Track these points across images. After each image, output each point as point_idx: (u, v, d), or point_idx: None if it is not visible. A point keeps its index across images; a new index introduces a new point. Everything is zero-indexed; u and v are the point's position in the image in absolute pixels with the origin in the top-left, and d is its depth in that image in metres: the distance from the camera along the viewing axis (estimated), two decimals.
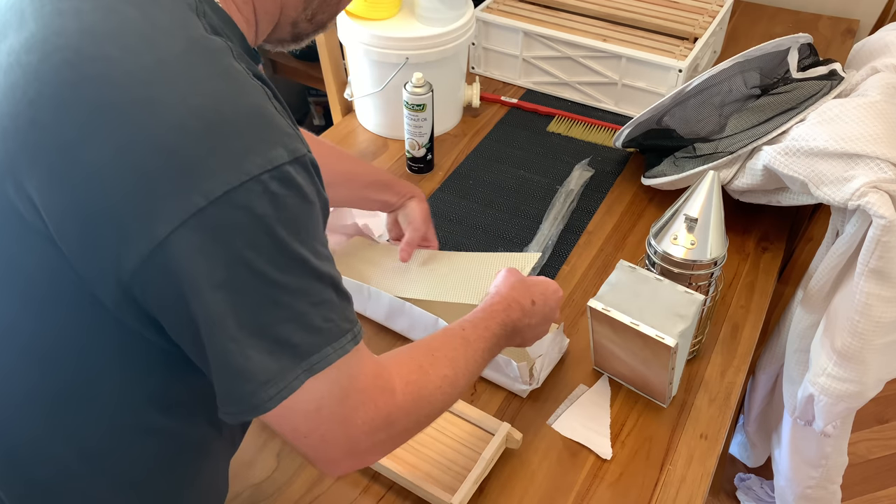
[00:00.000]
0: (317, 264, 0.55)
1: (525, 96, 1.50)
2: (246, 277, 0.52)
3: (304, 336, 0.54)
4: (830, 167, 0.94)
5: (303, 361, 0.54)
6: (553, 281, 0.88)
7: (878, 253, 0.89)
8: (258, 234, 0.51)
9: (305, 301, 0.54)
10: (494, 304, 0.78)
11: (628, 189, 1.26)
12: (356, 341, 0.58)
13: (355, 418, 0.58)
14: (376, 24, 1.28)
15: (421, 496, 0.82)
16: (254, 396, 0.53)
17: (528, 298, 0.81)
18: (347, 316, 0.58)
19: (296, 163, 0.53)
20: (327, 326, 0.56)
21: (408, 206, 1.06)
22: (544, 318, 0.84)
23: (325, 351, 0.55)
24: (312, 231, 0.55)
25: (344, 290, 0.59)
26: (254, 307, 0.52)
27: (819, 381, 1.00)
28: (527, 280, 0.85)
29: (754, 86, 1.15)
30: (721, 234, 0.86)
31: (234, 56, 0.55)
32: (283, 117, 0.55)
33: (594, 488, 0.84)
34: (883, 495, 1.70)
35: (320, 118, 2.40)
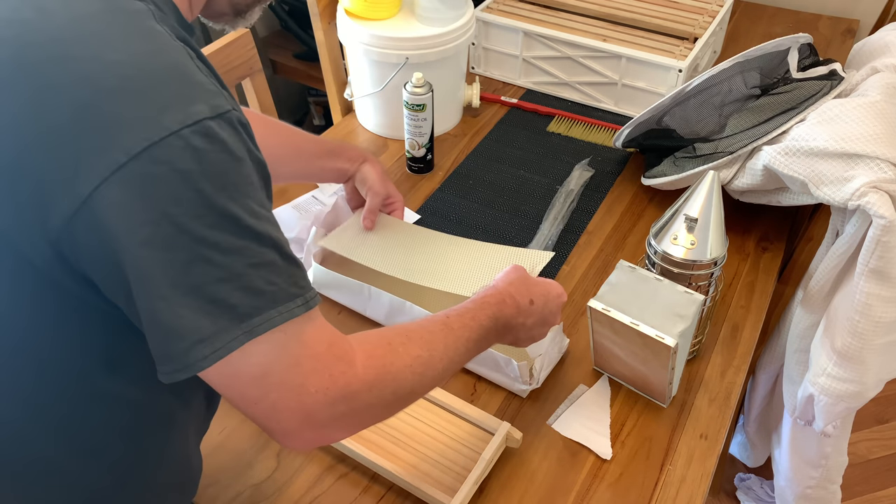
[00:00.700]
0: (253, 224, 0.54)
1: (525, 96, 1.50)
2: (172, 234, 0.51)
3: (244, 297, 0.53)
4: (830, 167, 0.94)
5: (242, 323, 0.53)
6: (559, 284, 0.86)
7: (878, 253, 0.89)
8: (182, 189, 0.51)
9: (242, 261, 0.53)
10: (487, 297, 0.77)
11: (628, 189, 1.26)
12: (308, 307, 0.57)
13: (308, 386, 0.56)
14: (376, 24, 1.28)
15: (421, 497, 0.81)
16: (187, 355, 0.53)
17: (526, 297, 0.80)
18: (296, 281, 0.57)
19: (219, 118, 0.53)
20: (271, 289, 0.54)
21: (362, 171, 1.05)
22: (542, 320, 0.82)
23: (268, 313, 0.54)
24: (244, 189, 0.54)
25: (291, 255, 0.58)
26: (184, 265, 0.52)
27: (819, 381, 1.00)
28: (530, 279, 0.83)
29: (754, 86, 1.15)
30: (721, 234, 0.86)
31: (155, 19, 0.55)
32: (206, 76, 0.55)
33: (594, 488, 0.84)
34: (883, 495, 1.70)
35: (320, 118, 2.40)
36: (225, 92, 0.56)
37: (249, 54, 1.34)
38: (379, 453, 0.84)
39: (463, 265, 1.01)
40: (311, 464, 0.87)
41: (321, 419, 0.58)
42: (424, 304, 0.97)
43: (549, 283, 0.85)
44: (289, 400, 0.56)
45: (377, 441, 0.86)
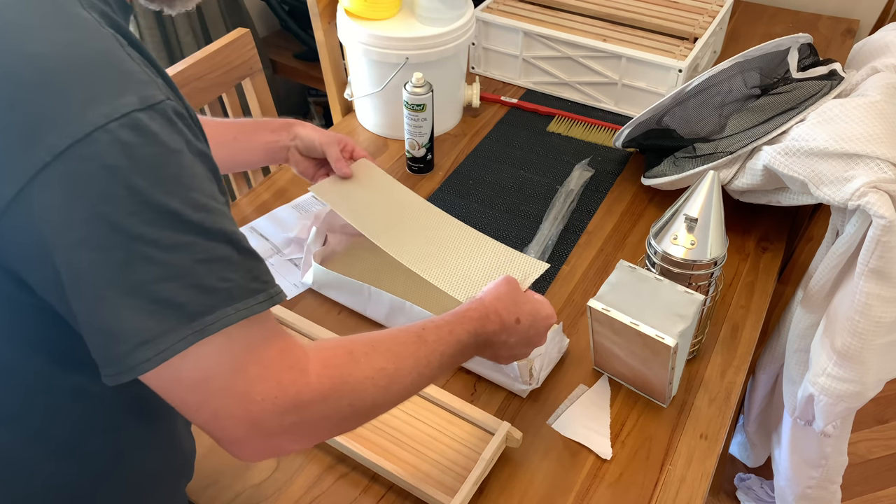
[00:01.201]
0: (198, 218, 0.51)
1: (525, 96, 1.50)
2: (106, 233, 0.49)
3: (193, 295, 0.51)
4: (830, 167, 0.94)
5: (193, 322, 0.51)
6: (549, 304, 0.83)
7: (878, 253, 0.89)
8: (112, 186, 0.48)
9: (188, 257, 0.51)
10: (470, 311, 0.74)
11: (628, 189, 1.26)
12: (272, 302, 0.55)
13: (253, 394, 0.53)
14: (376, 24, 1.28)
15: (421, 497, 0.81)
16: (129, 357, 0.50)
17: (513, 315, 0.77)
18: (256, 275, 0.55)
19: (150, 110, 0.50)
20: (224, 286, 0.52)
21: (299, 136, 1.03)
22: (526, 340, 0.79)
23: (222, 311, 0.52)
24: (185, 182, 0.52)
25: (249, 249, 0.55)
26: (122, 265, 0.49)
27: (819, 381, 1.00)
28: (520, 295, 0.80)
29: (754, 86, 1.15)
30: (721, 234, 0.87)
31: (81, 4, 0.52)
32: (137, 64, 0.52)
33: (594, 488, 0.84)
34: (883, 495, 1.70)
35: (320, 118, 2.40)
36: (160, 80, 0.53)
37: (249, 54, 1.34)
38: (379, 453, 0.84)
39: (455, 257, 0.97)
40: (311, 464, 0.87)
41: (269, 429, 0.55)
42: (424, 304, 0.97)
43: (539, 301, 0.82)
44: (232, 407, 0.53)
45: (377, 441, 0.86)
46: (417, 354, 0.66)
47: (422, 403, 0.90)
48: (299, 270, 1.11)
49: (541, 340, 0.82)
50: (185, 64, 1.25)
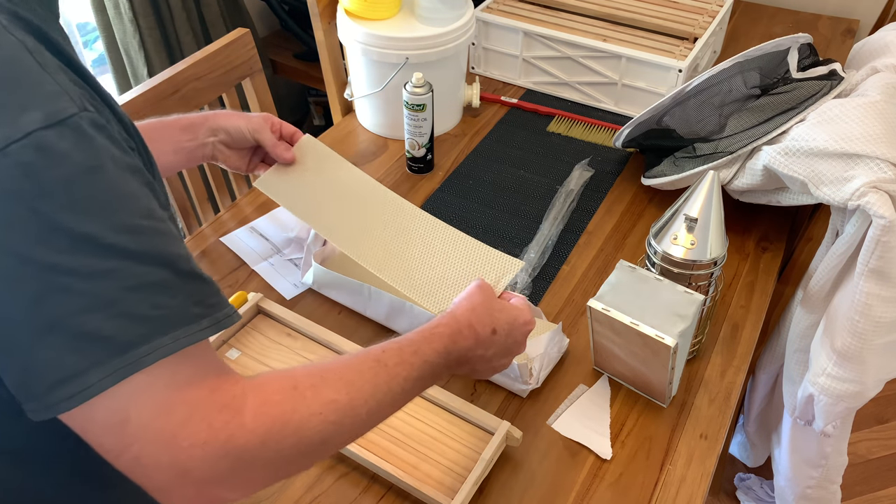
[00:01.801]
0: (122, 241, 0.47)
1: (525, 96, 1.50)
2: (14, 265, 0.45)
3: (122, 326, 0.46)
4: (830, 167, 0.94)
5: (124, 354, 0.46)
6: (527, 310, 0.77)
7: (878, 253, 0.89)
8: (16, 213, 0.44)
9: (114, 285, 0.46)
10: (440, 327, 0.68)
11: (628, 189, 1.26)
12: (218, 327, 0.50)
13: (180, 438, 0.48)
14: (376, 24, 1.28)
15: (420, 497, 0.81)
16: (48, 395, 0.46)
17: (488, 327, 0.71)
18: (200, 299, 0.50)
19: (59, 126, 0.45)
20: (159, 313, 0.47)
21: (219, 129, 0.93)
22: (506, 350, 0.74)
23: (157, 341, 0.47)
24: (106, 202, 0.47)
25: (191, 270, 0.50)
26: (36, 299, 0.45)
27: (819, 381, 1.00)
28: (495, 304, 0.74)
29: (754, 86, 1.15)
30: (721, 234, 0.87)
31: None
32: (47, 73, 0.47)
33: (594, 488, 0.84)
34: (883, 495, 1.70)
35: (320, 118, 2.40)
36: (78, 90, 0.49)
37: (249, 54, 1.34)
38: (379, 453, 0.84)
39: (423, 257, 0.89)
40: None
41: (202, 477, 0.49)
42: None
43: (516, 309, 0.76)
44: (157, 453, 0.48)
45: (377, 441, 0.86)
46: (376, 381, 0.59)
47: (422, 403, 0.90)
48: (299, 270, 1.11)
49: (520, 349, 0.77)
50: (185, 64, 1.25)
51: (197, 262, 0.52)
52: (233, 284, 1.09)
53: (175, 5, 1.73)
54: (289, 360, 0.95)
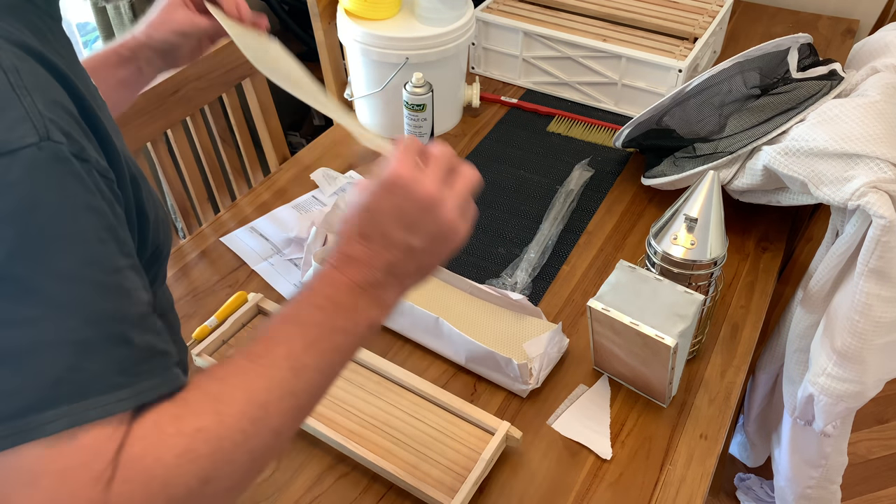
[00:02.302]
0: (52, 288, 0.42)
1: (525, 96, 1.50)
2: None
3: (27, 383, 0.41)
4: (830, 167, 0.94)
5: (22, 418, 0.40)
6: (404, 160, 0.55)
7: (878, 253, 0.89)
8: None
9: (30, 337, 0.41)
10: (323, 272, 0.55)
11: (628, 189, 1.26)
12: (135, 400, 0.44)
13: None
14: (376, 24, 1.28)
15: (420, 497, 0.81)
16: None
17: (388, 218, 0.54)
18: (126, 367, 0.44)
19: (9, 156, 0.42)
20: (73, 377, 0.42)
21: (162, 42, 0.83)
22: (435, 236, 0.55)
23: (67, 408, 0.41)
24: (41, 242, 0.42)
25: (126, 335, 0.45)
26: None
27: (819, 381, 1.00)
28: (385, 179, 0.54)
29: (754, 86, 1.15)
30: (721, 234, 0.87)
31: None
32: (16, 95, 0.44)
33: (594, 488, 0.84)
34: (883, 495, 1.70)
35: (320, 118, 2.40)
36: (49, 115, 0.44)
37: None
38: (379, 453, 0.84)
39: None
40: (312, 464, 0.87)
41: None
42: (425, 304, 0.97)
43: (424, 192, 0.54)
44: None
45: (377, 441, 0.86)
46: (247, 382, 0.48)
47: (422, 403, 0.90)
48: (299, 270, 1.11)
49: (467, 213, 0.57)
50: None
51: (197, 262, 0.49)
52: (233, 284, 1.09)
53: None
54: None
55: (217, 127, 1.36)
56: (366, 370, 0.94)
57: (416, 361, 0.98)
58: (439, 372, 0.96)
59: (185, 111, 1.27)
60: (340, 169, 1.32)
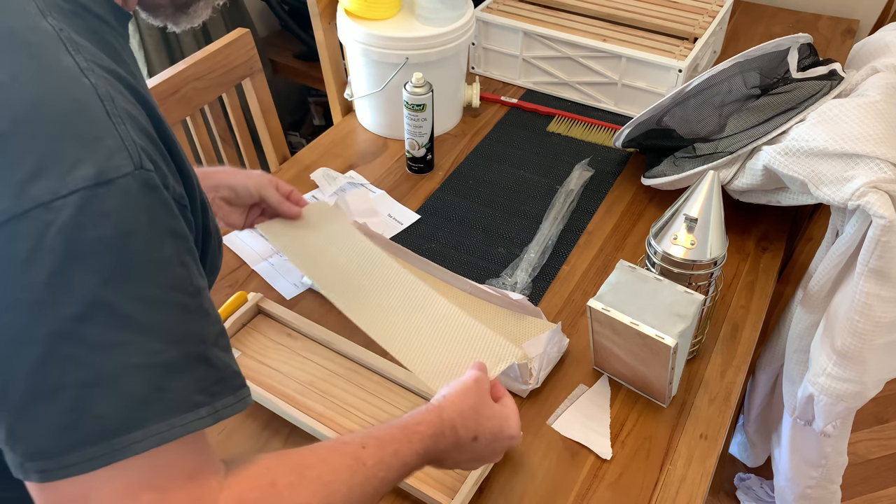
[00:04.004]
0: (141, 313, 0.44)
1: (525, 96, 1.50)
2: (24, 323, 0.42)
3: (116, 406, 0.43)
4: (830, 167, 0.94)
5: (112, 438, 0.43)
6: (517, 421, 0.74)
7: (878, 253, 0.89)
8: (42, 273, 0.42)
9: (120, 360, 0.43)
10: (423, 426, 0.64)
11: (628, 189, 1.26)
12: (214, 418, 0.47)
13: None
14: (376, 24, 1.28)
15: (420, 497, 0.81)
16: (23, 461, 0.44)
17: (471, 432, 0.67)
18: (205, 386, 0.47)
19: (108, 185, 0.43)
20: (157, 397, 0.44)
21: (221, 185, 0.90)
22: (478, 457, 0.71)
23: (152, 428, 0.44)
24: (133, 271, 0.44)
25: (205, 354, 0.47)
26: (38, 364, 0.43)
27: (819, 381, 1.00)
28: (484, 409, 0.70)
29: (754, 86, 1.15)
30: (721, 234, 0.87)
31: (66, 47, 0.46)
32: (113, 123, 0.45)
33: (594, 488, 0.84)
34: (883, 495, 1.70)
35: (320, 118, 2.40)
36: (139, 142, 0.46)
37: (249, 54, 1.34)
38: None
39: (423, 331, 0.87)
40: None
41: None
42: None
43: (504, 419, 0.72)
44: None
45: None
46: (352, 483, 0.55)
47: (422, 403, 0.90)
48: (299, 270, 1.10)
49: (496, 458, 0.74)
50: (185, 64, 1.25)
51: None
52: (233, 284, 1.09)
53: None
54: (289, 359, 0.95)
55: (217, 127, 1.36)
56: (366, 370, 0.94)
57: None
58: None
59: (185, 111, 1.27)
60: (340, 169, 1.32)
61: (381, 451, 0.59)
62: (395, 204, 1.23)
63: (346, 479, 0.55)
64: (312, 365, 0.94)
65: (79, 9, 0.50)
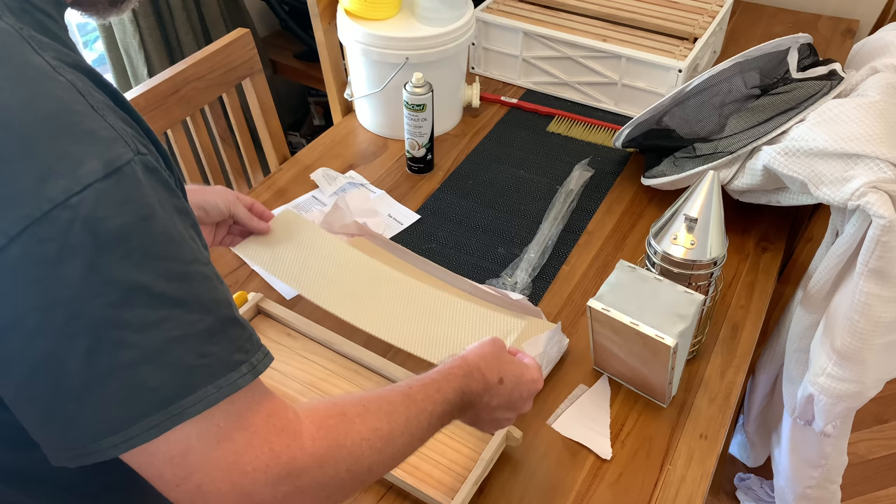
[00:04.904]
0: (171, 289, 0.46)
1: (525, 96, 1.50)
2: (67, 320, 0.44)
3: (169, 377, 0.46)
4: (830, 167, 0.94)
5: (170, 406, 0.46)
6: (537, 367, 0.78)
7: (878, 253, 0.89)
8: (74, 268, 0.43)
9: (160, 336, 0.46)
10: (454, 368, 0.69)
11: (628, 189, 1.26)
12: (255, 373, 0.50)
13: (242, 463, 0.48)
14: (376, 24, 1.28)
15: (420, 497, 0.81)
16: (91, 445, 0.46)
17: (496, 374, 0.71)
18: (240, 345, 0.50)
19: (116, 174, 0.45)
20: (204, 362, 0.47)
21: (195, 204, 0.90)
22: (509, 403, 0.74)
23: (203, 391, 0.47)
24: (157, 250, 0.46)
25: (230, 316, 0.50)
26: (87, 353, 0.44)
27: (819, 381, 1.00)
28: (505, 355, 0.75)
29: (754, 86, 1.15)
30: (721, 234, 0.87)
31: (30, 45, 0.46)
32: (100, 115, 0.46)
33: (594, 488, 0.84)
34: (883, 495, 1.70)
35: (320, 118, 2.40)
36: (129, 129, 0.48)
37: (249, 54, 1.34)
38: None
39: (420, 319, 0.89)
40: None
41: (262, 501, 0.49)
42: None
43: (524, 365, 0.77)
44: (219, 481, 0.48)
45: None
46: (408, 413, 0.60)
47: None
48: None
49: (525, 406, 0.76)
50: (185, 64, 1.25)
51: None
52: (233, 284, 1.09)
53: (175, 5, 1.73)
54: (289, 359, 0.95)
55: (217, 127, 1.36)
56: (366, 370, 0.94)
57: (417, 361, 0.97)
58: None
59: (185, 111, 1.27)
60: (340, 169, 1.32)
61: (426, 388, 0.64)
62: (395, 204, 1.23)
63: (402, 411, 0.60)
64: (312, 365, 0.95)
65: (25, 4, 0.49)
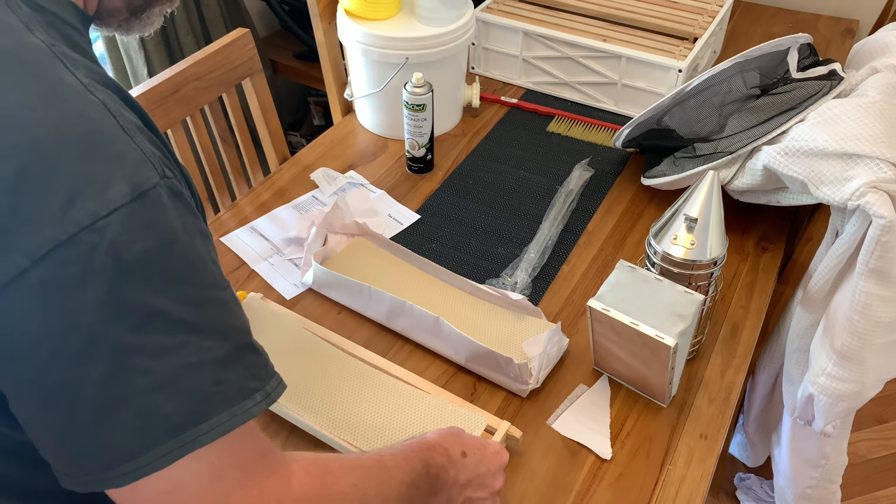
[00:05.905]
0: (188, 315, 0.46)
1: (525, 96, 1.50)
2: (85, 345, 0.43)
3: (182, 404, 0.45)
4: (830, 167, 0.94)
5: (182, 433, 0.45)
6: (496, 442, 0.77)
7: (878, 253, 0.89)
8: (96, 293, 0.43)
9: (178, 362, 0.45)
10: (416, 442, 0.68)
11: (628, 189, 1.26)
12: (270, 400, 0.50)
13: (232, 501, 0.48)
14: (376, 24, 1.28)
15: None
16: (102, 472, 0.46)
17: (457, 448, 0.70)
18: (255, 372, 0.50)
19: (143, 198, 0.44)
20: (218, 389, 0.47)
21: None
22: (479, 479, 0.72)
23: (217, 418, 0.47)
24: (177, 275, 0.46)
25: (246, 342, 0.50)
26: (104, 378, 0.44)
27: (819, 381, 1.00)
28: (463, 434, 0.74)
29: (754, 86, 1.15)
30: (721, 234, 0.87)
31: (62, 62, 0.46)
32: (129, 137, 0.46)
33: (594, 488, 0.84)
34: (883, 495, 1.70)
35: (320, 118, 2.40)
36: (156, 151, 0.47)
37: (249, 54, 1.34)
38: None
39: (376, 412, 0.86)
40: None
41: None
42: (425, 304, 0.97)
43: (485, 440, 0.76)
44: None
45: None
46: (380, 477, 0.61)
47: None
48: (299, 270, 1.11)
49: (496, 481, 0.74)
50: (185, 64, 1.25)
51: None
52: (233, 284, 1.09)
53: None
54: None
55: (217, 127, 1.36)
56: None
57: (417, 361, 0.98)
58: (439, 372, 0.96)
59: (185, 111, 1.27)
60: (340, 169, 1.32)
61: (395, 457, 0.64)
62: (395, 204, 1.24)
63: (375, 474, 0.60)
64: None
65: (53, 19, 0.49)
